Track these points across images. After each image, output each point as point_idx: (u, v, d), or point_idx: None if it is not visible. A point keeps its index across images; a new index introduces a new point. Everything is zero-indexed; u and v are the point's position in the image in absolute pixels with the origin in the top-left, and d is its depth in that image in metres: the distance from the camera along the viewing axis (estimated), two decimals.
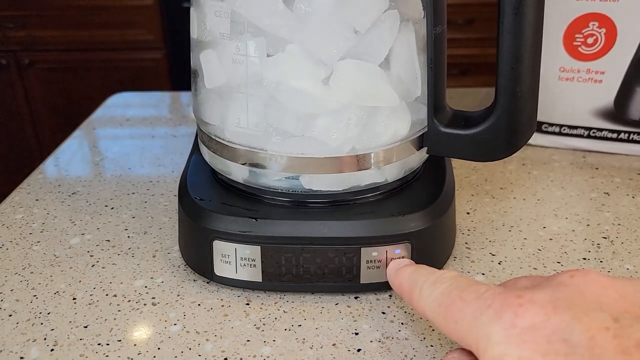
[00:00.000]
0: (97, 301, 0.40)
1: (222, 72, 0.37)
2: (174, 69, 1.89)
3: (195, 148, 0.46)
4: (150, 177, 0.57)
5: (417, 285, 0.30)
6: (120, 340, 0.36)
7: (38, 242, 0.46)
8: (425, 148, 0.41)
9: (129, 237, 0.47)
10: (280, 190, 0.39)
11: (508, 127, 0.38)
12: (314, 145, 0.37)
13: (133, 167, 0.59)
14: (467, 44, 1.77)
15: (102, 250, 0.45)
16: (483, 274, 0.42)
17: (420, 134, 0.40)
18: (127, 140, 0.66)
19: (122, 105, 0.78)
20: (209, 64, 0.38)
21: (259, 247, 0.38)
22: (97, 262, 0.44)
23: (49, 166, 0.60)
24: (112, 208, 0.51)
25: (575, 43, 0.56)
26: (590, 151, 0.60)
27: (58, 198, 0.53)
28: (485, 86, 0.79)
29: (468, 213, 0.50)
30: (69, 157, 0.62)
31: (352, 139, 0.37)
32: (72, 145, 0.65)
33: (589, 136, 0.59)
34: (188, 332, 0.37)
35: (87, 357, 0.35)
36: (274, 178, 0.39)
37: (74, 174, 0.58)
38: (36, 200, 0.53)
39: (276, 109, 0.36)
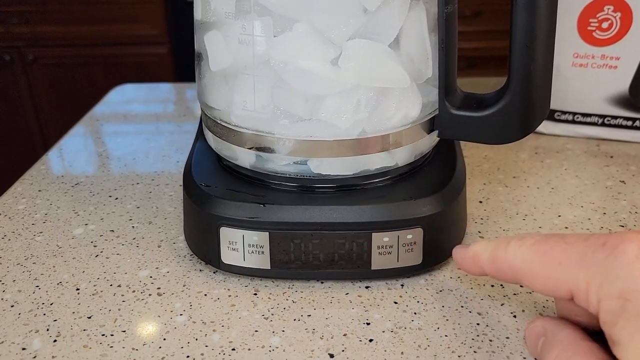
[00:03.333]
0: (101, 291, 0.39)
1: (228, 53, 0.36)
2: (179, 64, 1.88)
3: (200, 134, 0.45)
4: (154, 168, 0.56)
5: (500, 244, 0.29)
6: (124, 331, 0.35)
7: (41, 232, 0.45)
8: (436, 132, 0.39)
9: (133, 227, 0.46)
10: (287, 175, 0.38)
11: (522, 107, 0.36)
12: (323, 127, 0.36)
13: (137, 157, 0.58)
14: (474, 37, 1.75)
15: (106, 240, 0.44)
16: None
17: (431, 116, 0.39)
18: (131, 132, 0.65)
19: (125, 97, 0.77)
20: (214, 45, 0.37)
21: (267, 234, 0.37)
22: (101, 252, 0.43)
23: (52, 157, 0.59)
24: (117, 198, 0.50)
25: (589, 28, 0.55)
26: (604, 139, 0.59)
27: (61, 189, 0.52)
28: None
29: (480, 202, 0.48)
30: (72, 149, 0.61)
31: (362, 121, 0.36)
32: (76, 137, 0.64)
33: (603, 124, 0.58)
34: (194, 322, 0.36)
35: (90, 347, 0.34)
36: (281, 163, 0.38)
37: (77, 165, 0.57)
38: (39, 191, 0.52)
39: (284, 90, 0.35)
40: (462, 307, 0.36)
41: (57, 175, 0.55)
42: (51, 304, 0.38)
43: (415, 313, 0.36)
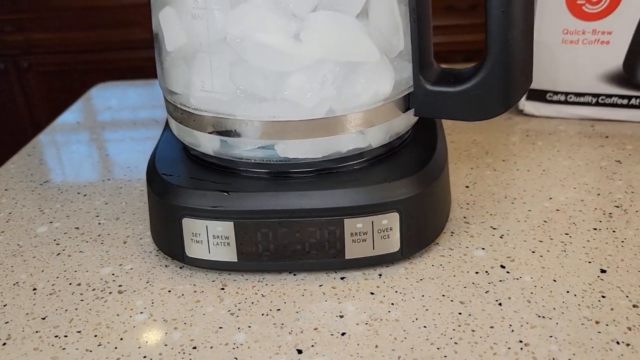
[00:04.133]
0: (59, 291, 0.36)
1: (182, 30, 0.33)
2: None
3: (168, 124, 0.43)
4: (128, 163, 0.53)
5: None
6: (79, 332, 0.33)
7: (2, 232, 0.43)
8: (412, 110, 0.37)
9: (99, 223, 0.43)
10: (254, 161, 0.36)
11: (501, 79, 0.34)
12: (287, 107, 0.33)
13: (112, 153, 0.56)
14: (470, 30, 1.72)
15: (70, 238, 0.42)
16: (483, 248, 0.38)
17: (406, 94, 0.36)
18: (107, 128, 0.63)
19: (103, 95, 0.75)
20: (168, 23, 0.34)
21: (231, 223, 0.34)
22: (63, 250, 0.40)
23: (22, 156, 0.56)
24: (85, 195, 0.48)
25: (579, 1, 0.52)
26: (599, 120, 0.56)
27: (29, 187, 0.50)
28: None
29: (467, 187, 0.46)
30: (43, 148, 0.58)
31: (329, 99, 0.33)
32: (48, 136, 0.62)
33: (597, 103, 0.55)
34: (155, 320, 0.33)
35: (41, 350, 0.32)
36: (246, 147, 0.35)
37: (47, 163, 0.55)
38: (5, 190, 0.49)
39: (242, 68, 0.33)
40: (443, 296, 0.34)
41: (26, 173, 0.52)
42: (4, 306, 0.35)
43: (392, 304, 0.33)
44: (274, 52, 0.32)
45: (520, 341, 0.30)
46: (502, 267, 0.36)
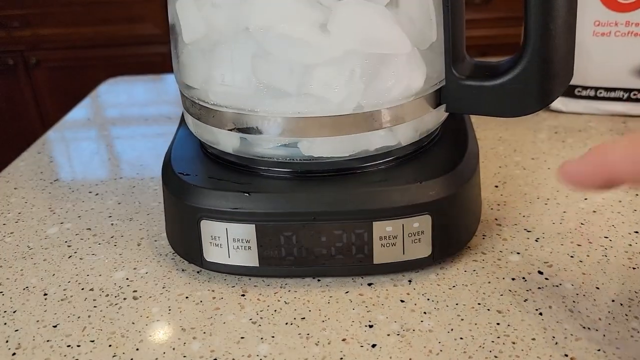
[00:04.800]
0: (71, 296, 0.34)
1: (201, 20, 0.31)
2: None
3: (183, 120, 0.41)
4: (140, 160, 0.51)
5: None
6: (93, 341, 0.31)
7: (11, 233, 0.41)
8: (444, 105, 0.35)
9: (112, 224, 0.42)
10: (276, 160, 0.34)
11: (540, 73, 0.32)
12: (312, 102, 0.31)
13: (123, 150, 0.54)
14: (485, 24, 1.69)
15: (82, 239, 0.40)
16: (518, 252, 0.36)
17: (437, 88, 0.34)
18: (118, 125, 0.61)
19: (113, 90, 0.73)
20: (186, 12, 0.32)
21: (253, 226, 0.32)
22: (75, 252, 0.39)
23: (32, 154, 0.55)
24: (97, 194, 0.46)
25: None
26: (631, 116, 0.53)
27: (39, 186, 0.48)
28: None
29: (496, 186, 0.43)
30: (53, 145, 0.57)
31: (357, 94, 0.31)
32: (58, 132, 0.60)
33: (629, 99, 0.53)
34: (173, 329, 0.31)
35: None
36: (268, 145, 0.33)
37: (58, 161, 0.53)
38: (14, 189, 0.48)
39: (265, 61, 0.31)
40: (479, 304, 0.32)
41: (36, 172, 0.50)
42: (14, 312, 0.33)
43: (425, 312, 0.31)
44: (299, 43, 0.30)
45: (566, 355, 0.28)
46: (540, 273, 0.34)
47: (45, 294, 0.35)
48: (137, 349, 0.30)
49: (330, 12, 0.30)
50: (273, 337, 0.30)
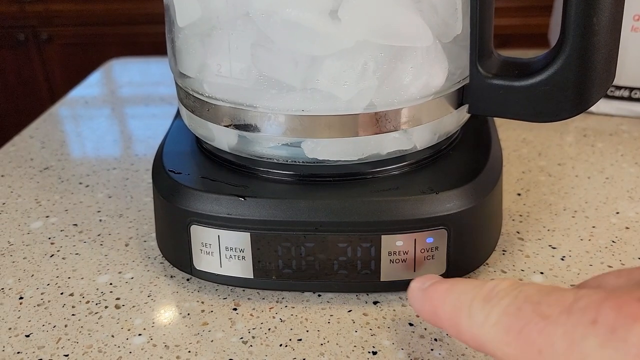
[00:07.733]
0: (48, 302, 0.31)
1: (197, 2, 0.28)
2: None
3: (178, 112, 0.37)
4: (136, 151, 0.48)
5: (462, 305, 0.21)
6: (67, 355, 0.28)
7: None
8: (466, 106, 0.31)
9: (100, 220, 0.38)
10: (276, 161, 0.30)
11: (579, 72, 0.28)
12: (319, 99, 0.27)
13: (118, 139, 0.51)
14: (506, 13, 1.64)
15: (67, 236, 0.37)
16: (542, 272, 0.32)
17: (460, 87, 0.30)
18: (116, 110, 0.58)
19: (115, 72, 0.70)
20: None
21: (248, 234, 0.29)
22: (58, 251, 0.36)
23: (24, 138, 0.52)
24: (87, 186, 0.43)
25: None
26: None
27: (27, 174, 0.45)
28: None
29: (519, 194, 0.40)
30: (47, 129, 0.54)
31: (370, 90, 0.27)
32: (54, 115, 0.57)
33: None
34: (155, 345, 0.28)
35: None
36: (268, 145, 0.30)
37: (50, 147, 0.50)
38: (1, 176, 0.45)
39: (267, 50, 0.27)
40: None
41: (26, 158, 0.47)
42: None
43: (435, 340, 0.28)
44: (306, 31, 0.26)
45: None
46: None
47: (21, 297, 0.32)
48: None
49: None
50: None
